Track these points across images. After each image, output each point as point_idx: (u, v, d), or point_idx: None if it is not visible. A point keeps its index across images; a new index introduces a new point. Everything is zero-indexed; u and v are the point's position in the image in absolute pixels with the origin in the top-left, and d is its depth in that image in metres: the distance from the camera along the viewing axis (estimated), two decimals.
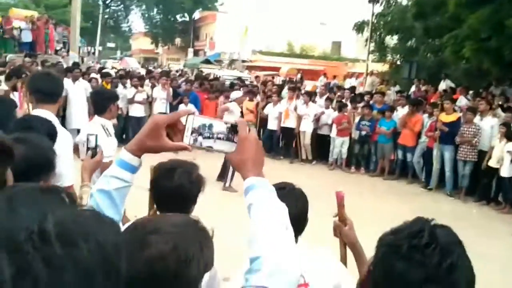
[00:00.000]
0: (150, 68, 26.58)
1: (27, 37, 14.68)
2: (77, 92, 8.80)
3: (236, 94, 8.13)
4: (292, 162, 10.25)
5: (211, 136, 1.16)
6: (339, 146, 9.78)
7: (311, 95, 10.75)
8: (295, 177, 9.28)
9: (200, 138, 1.16)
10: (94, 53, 30.71)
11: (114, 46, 55.01)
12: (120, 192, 1.16)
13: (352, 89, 12.05)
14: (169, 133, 1.15)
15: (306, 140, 10.19)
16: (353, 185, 8.65)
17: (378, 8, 19.46)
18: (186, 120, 1.13)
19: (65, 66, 11.23)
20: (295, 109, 10.20)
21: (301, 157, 10.30)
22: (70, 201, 0.72)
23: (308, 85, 17.09)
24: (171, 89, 10.38)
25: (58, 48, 17.41)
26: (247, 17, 36.65)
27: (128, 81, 10.59)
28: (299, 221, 1.81)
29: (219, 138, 1.17)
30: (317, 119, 10.25)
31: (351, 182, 8.99)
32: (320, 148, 10.30)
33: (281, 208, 1.08)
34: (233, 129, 1.15)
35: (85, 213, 0.70)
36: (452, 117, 8.23)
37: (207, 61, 29.23)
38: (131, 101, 10.09)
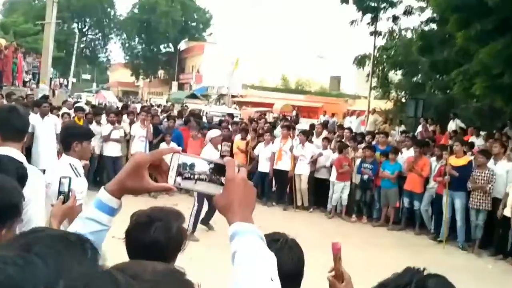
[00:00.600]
0: (129, 102, 26.84)
1: None
2: (46, 129, 8.79)
3: (212, 133, 7.95)
4: (286, 209, 10.22)
5: (191, 176, 1.18)
6: (339, 191, 9.80)
7: (307, 134, 10.87)
8: (289, 225, 9.31)
9: (178, 179, 1.18)
10: (67, 86, 30.92)
11: (89, 78, 55.67)
12: (97, 236, 1.17)
13: (350, 129, 12.22)
14: (152, 174, 1.17)
15: (302, 184, 10.22)
16: (354, 235, 8.60)
17: (381, 41, 20.08)
18: (171, 159, 1.16)
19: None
20: (290, 149, 10.28)
21: (296, 203, 10.28)
22: (92, 254, 0.74)
23: (304, 123, 17.32)
24: (151, 126, 10.43)
25: (27, 79, 17.57)
26: (237, 48, 37.62)
27: (104, 116, 10.64)
28: (295, 277, 1.80)
29: (201, 179, 1.18)
30: (314, 161, 10.31)
31: (352, 232, 8.95)
32: (318, 193, 10.32)
33: (268, 258, 1.09)
34: (218, 169, 1.17)
35: (101, 275, 0.72)
36: (463, 161, 8.33)
37: (193, 96, 29.66)
38: (106, 139, 10.10)
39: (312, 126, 13.17)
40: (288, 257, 1.83)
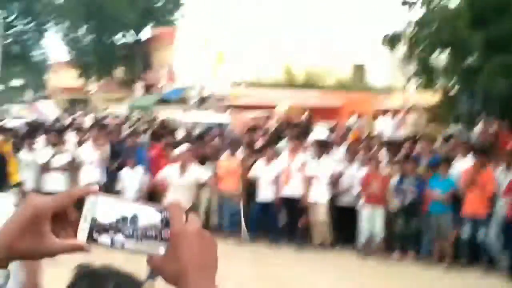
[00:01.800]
0: (75, 115, 26.79)
1: None
2: None
3: (179, 149, 8.25)
4: (299, 250, 10.14)
5: (133, 233, 1.13)
6: (369, 220, 9.76)
7: (325, 146, 10.86)
8: (306, 273, 9.22)
9: (121, 237, 1.12)
10: None
11: (23, 83, 55.77)
12: None
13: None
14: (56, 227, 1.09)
15: (319, 215, 10.18)
16: (399, 281, 8.55)
17: (414, 15, 20.18)
18: (84, 204, 1.08)
19: None
20: (302, 168, 10.27)
21: (313, 241, 10.23)
22: None
23: (320, 130, 17.15)
24: (107, 147, 10.43)
25: None
26: (220, 33, 37.78)
27: (41, 137, 10.66)
28: None
29: (148, 236, 1.13)
30: (334, 182, 10.29)
31: (396, 276, 8.90)
32: (343, 225, 10.29)
33: None
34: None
35: None
36: None
37: (164, 101, 29.68)
38: (45, 168, 10.09)
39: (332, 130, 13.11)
40: None
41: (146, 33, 48.48)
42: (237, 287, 7.24)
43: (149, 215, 1.11)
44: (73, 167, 10.45)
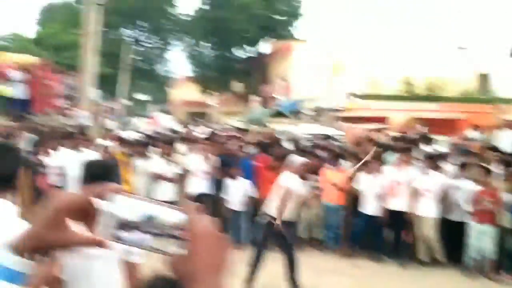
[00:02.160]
0: (191, 127, 27.60)
1: (19, 92, 16.10)
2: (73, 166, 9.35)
3: (293, 159, 8.50)
4: (404, 266, 9.94)
5: (152, 232, 1.18)
6: (479, 238, 9.37)
7: (436, 159, 10.59)
8: None
9: (140, 235, 1.17)
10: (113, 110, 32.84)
11: (148, 98, 58.45)
12: None
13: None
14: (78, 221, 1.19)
15: (426, 230, 9.91)
16: None
17: None
18: (107, 203, 1.16)
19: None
20: (409, 181, 10.09)
21: (418, 257, 9.99)
22: None
23: (440, 144, 16.59)
24: (216, 158, 10.71)
25: (64, 105, 18.97)
26: (338, 46, 37.67)
27: (156, 148, 11.10)
28: None
29: (166, 236, 1.18)
30: (444, 198, 10.01)
31: None
32: (452, 242, 9.98)
33: None
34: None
35: None
36: None
37: (279, 114, 29.99)
38: (157, 177, 10.50)
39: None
40: None
41: (265, 46, 49.19)
42: None
43: (168, 215, 1.18)
44: (182, 178, 10.82)
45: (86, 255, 3.63)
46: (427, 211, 10.00)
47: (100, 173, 3.99)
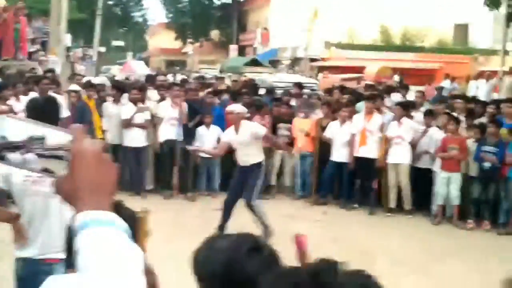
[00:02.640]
0: (174, 75, 27.33)
1: None
2: None
3: (233, 107, 8.74)
4: (372, 213, 10.09)
5: (42, 153, 1.17)
6: (445, 185, 9.51)
7: (407, 106, 10.64)
8: (377, 237, 9.09)
9: (29, 156, 1.16)
10: (91, 57, 32.38)
11: (123, 45, 57.71)
12: None
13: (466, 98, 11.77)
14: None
15: (401, 177, 10.04)
16: (471, 250, 8.33)
17: None
18: None
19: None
20: (381, 128, 10.14)
21: (388, 205, 10.12)
22: None
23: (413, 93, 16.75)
24: (186, 105, 10.65)
25: (33, 49, 18.58)
26: None
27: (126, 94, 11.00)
28: None
29: (56, 157, 1.17)
30: (413, 146, 10.09)
31: (468, 245, 8.66)
32: (419, 190, 10.11)
33: (130, 256, 1.08)
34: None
35: None
36: None
37: (255, 62, 29.80)
38: (127, 124, 10.44)
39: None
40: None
41: None
42: (312, 248, 7.26)
43: (57, 137, 1.16)
44: (152, 124, 10.78)
45: (44, 194, 3.67)
46: (400, 158, 10.06)
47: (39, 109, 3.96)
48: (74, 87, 11.02)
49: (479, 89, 17.63)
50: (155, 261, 2.21)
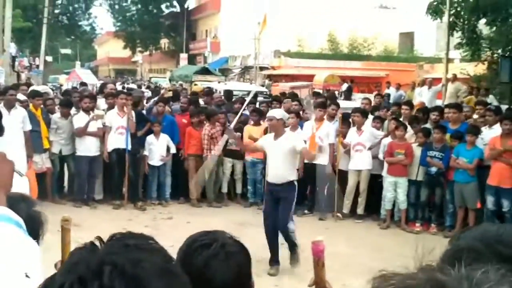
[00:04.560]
0: (123, 83, 27.05)
1: None
2: (13, 124, 9.13)
3: None
4: (322, 219, 10.21)
5: None
6: (392, 189, 9.70)
7: (366, 114, 10.79)
8: (327, 243, 9.22)
9: None
10: (38, 66, 31.78)
11: (70, 53, 56.86)
12: None
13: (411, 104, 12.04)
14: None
15: (362, 184, 10.18)
16: (419, 251, 8.46)
17: None
18: None
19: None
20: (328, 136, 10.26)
21: (338, 210, 10.26)
22: None
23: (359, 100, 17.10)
24: (133, 113, 10.57)
25: None
26: (267, 2, 37.53)
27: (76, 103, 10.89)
28: None
29: None
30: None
31: (417, 248, 8.81)
32: (369, 195, 10.28)
33: (23, 248, 1.10)
34: None
35: None
36: None
37: (206, 71, 29.82)
38: (81, 132, 10.31)
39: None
40: (224, 265, 1.85)
41: (192, 2, 48.51)
42: (262, 253, 7.26)
43: None
44: (102, 133, 10.66)
45: None
46: (361, 165, 10.20)
47: None
48: (20, 96, 10.80)
49: (422, 96, 18.02)
50: None
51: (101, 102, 11.65)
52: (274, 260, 7.35)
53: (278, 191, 7.31)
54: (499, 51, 20.23)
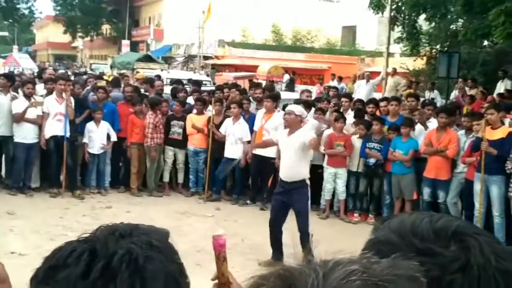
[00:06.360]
0: (62, 69, 26.33)
1: None
2: None
3: None
4: (263, 209, 10.22)
5: None
6: (332, 180, 9.84)
7: (310, 105, 10.84)
8: (267, 232, 9.27)
9: None
10: None
11: (7, 36, 55.10)
12: None
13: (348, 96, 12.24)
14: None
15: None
16: (357, 241, 8.60)
17: None
18: None
19: None
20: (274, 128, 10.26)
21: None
22: None
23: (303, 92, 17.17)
24: (73, 100, 10.36)
25: None
26: None
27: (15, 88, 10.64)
28: None
29: None
30: None
31: (355, 236, 8.96)
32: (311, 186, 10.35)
33: None
34: None
35: None
36: (500, 133, 8.34)
37: (149, 58, 29.44)
38: (19, 118, 10.05)
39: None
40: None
41: None
42: (203, 243, 7.24)
43: None
44: (41, 119, 10.41)
45: None
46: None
47: None
48: None
49: (360, 89, 18.33)
50: (39, 260, 2.15)
51: (40, 87, 11.38)
52: (275, 257, 7.25)
53: (289, 194, 7.21)
54: (438, 46, 20.83)
